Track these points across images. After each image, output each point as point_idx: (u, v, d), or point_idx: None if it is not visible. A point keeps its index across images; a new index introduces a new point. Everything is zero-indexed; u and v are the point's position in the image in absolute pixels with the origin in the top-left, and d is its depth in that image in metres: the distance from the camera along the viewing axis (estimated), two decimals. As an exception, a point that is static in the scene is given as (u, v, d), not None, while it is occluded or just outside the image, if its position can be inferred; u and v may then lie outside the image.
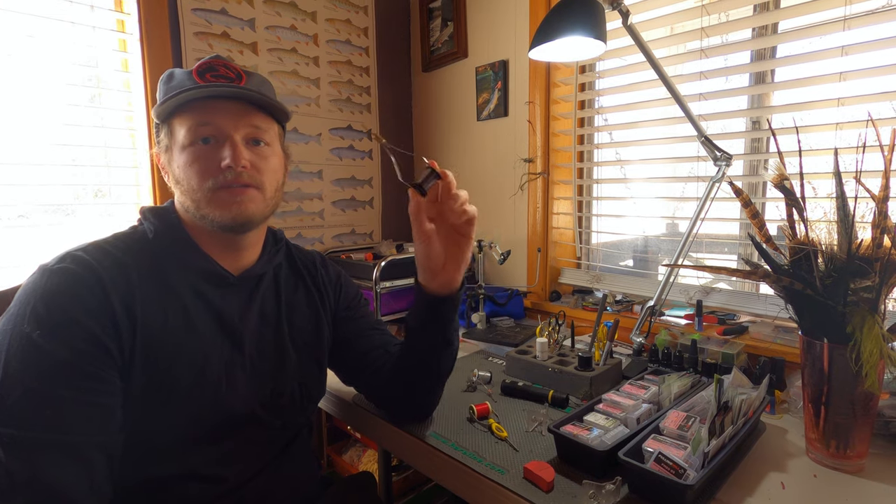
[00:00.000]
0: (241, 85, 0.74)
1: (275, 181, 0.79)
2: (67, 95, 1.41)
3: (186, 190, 0.73)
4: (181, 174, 0.73)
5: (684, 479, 0.64)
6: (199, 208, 0.73)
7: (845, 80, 1.10)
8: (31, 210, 1.39)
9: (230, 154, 0.71)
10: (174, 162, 0.74)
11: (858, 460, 0.76)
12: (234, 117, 0.73)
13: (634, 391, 0.92)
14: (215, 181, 0.72)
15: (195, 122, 0.72)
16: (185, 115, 0.72)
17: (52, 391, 0.58)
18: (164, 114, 0.73)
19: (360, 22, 2.01)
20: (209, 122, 0.72)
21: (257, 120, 0.76)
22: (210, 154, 0.72)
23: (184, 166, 0.72)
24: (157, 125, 0.76)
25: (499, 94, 1.81)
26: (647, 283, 1.54)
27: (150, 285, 0.70)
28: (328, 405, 1.11)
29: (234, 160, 0.71)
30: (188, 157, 0.72)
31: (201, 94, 0.71)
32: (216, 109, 0.72)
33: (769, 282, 0.81)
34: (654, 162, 1.51)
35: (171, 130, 0.74)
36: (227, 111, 0.73)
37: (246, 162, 0.73)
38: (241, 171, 0.72)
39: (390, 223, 2.19)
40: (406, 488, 1.72)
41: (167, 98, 0.72)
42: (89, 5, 1.42)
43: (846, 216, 0.74)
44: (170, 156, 0.75)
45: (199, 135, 0.72)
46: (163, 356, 0.67)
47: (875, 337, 0.69)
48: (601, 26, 1.03)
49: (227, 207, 0.72)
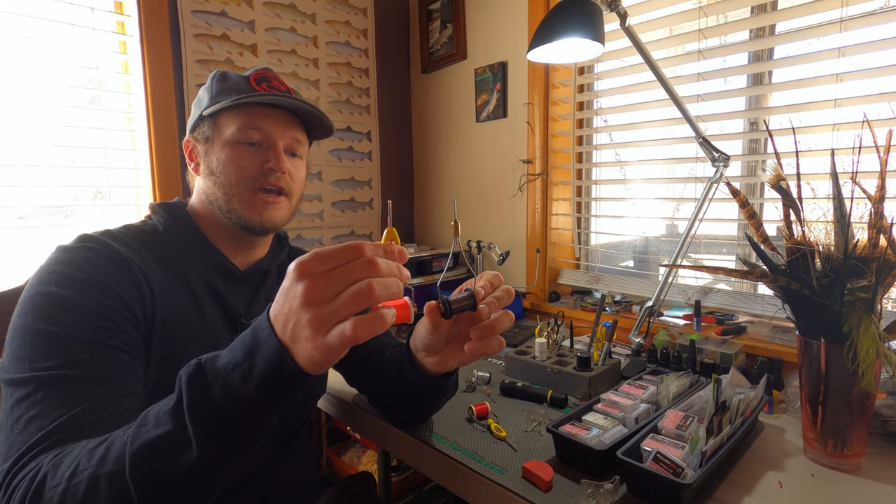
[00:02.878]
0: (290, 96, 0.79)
1: (300, 192, 0.84)
2: (67, 97, 1.41)
3: (222, 183, 0.76)
4: (220, 167, 0.76)
5: (682, 479, 0.65)
6: (231, 202, 0.76)
7: (842, 81, 1.10)
8: (31, 212, 1.39)
9: (274, 159, 0.77)
10: (213, 154, 0.77)
11: (855, 459, 0.76)
12: (282, 127, 0.78)
13: (633, 391, 0.92)
14: (255, 181, 0.76)
15: (245, 124, 0.76)
16: (236, 114, 0.76)
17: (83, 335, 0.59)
18: (219, 110, 0.76)
19: (360, 24, 2.01)
20: (259, 126, 0.76)
21: (298, 134, 0.82)
22: (254, 155, 0.77)
23: (225, 161, 0.76)
24: (201, 116, 0.78)
25: (498, 96, 1.81)
26: (646, 283, 1.55)
27: (164, 274, 0.71)
28: (328, 405, 1.12)
29: (277, 165, 0.77)
30: (231, 153, 0.76)
31: (262, 101, 0.76)
32: (267, 116, 0.77)
33: (766, 282, 0.81)
34: (652, 163, 1.51)
35: (216, 125, 0.77)
36: (277, 120, 0.78)
37: (286, 168, 0.78)
38: (280, 176, 0.77)
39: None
40: (405, 489, 1.72)
41: (229, 97, 0.75)
42: (89, 7, 1.42)
43: (843, 217, 0.74)
44: (209, 147, 0.78)
45: (247, 137, 0.76)
46: (178, 339, 0.68)
47: (871, 336, 0.69)
48: (599, 28, 1.03)
49: (260, 211, 0.77)
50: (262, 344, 0.46)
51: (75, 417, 0.53)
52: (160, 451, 0.46)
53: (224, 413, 0.46)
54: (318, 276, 0.43)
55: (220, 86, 0.79)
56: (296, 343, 0.45)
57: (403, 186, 2.24)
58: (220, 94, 0.78)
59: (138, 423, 0.49)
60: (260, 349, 0.46)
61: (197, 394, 0.46)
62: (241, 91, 0.77)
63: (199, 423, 0.46)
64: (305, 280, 0.43)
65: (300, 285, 0.44)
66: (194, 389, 0.46)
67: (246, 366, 0.46)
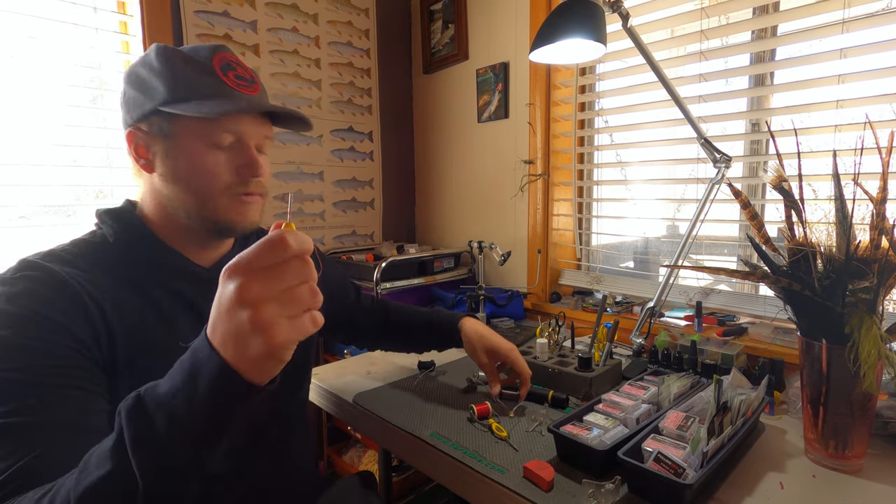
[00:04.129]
0: (258, 91, 0.74)
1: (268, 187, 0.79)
2: (69, 97, 1.41)
3: (193, 189, 0.69)
4: (190, 173, 0.69)
5: (683, 479, 0.65)
6: (205, 209, 0.70)
7: (844, 82, 1.10)
8: (32, 211, 1.40)
9: (253, 164, 0.71)
10: (179, 157, 0.69)
11: (857, 461, 0.76)
12: (254, 127, 0.72)
13: (634, 391, 0.92)
14: (234, 187, 0.71)
15: (219, 128, 0.68)
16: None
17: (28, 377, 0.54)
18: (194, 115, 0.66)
19: (362, 24, 2.01)
20: (232, 130, 0.69)
21: (268, 130, 0.75)
22: (228, 159, 0.70)
23: (198, 167, 0.68)
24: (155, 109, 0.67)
25: (499, 96, 1.81)
26: (647, 284, 1.55)
27: (119, 289, 0.66)
28: (329, 405, 1.12)
29: (256, 170, 0.71)
30: (203, 158, 0.69)
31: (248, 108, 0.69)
32: (241, 119, 0.70)
33: (768, 283, 0.81)
34: (653, 163, 1.51)
35: (181, 121, 0.68)
36: (249, 121, 0.71)
37: (263, 172, 0.73)
38: (259, 182, 0.73)
39: (391, 224, 2.19)
40: (406, 489, 1.72)
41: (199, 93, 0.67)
42: (92, 7, 1.42)
43: (844, 218, 0.74)
44: (169, 146, 0.69)
45: (221, 140, 0.69)
46: (146, 357, 0.64)
47: (873, 337, 0.69)
48: (601, 29, 1.03)
49: (243, 214, 0.72)
50: (202, 364, 0.42)
51: (25, 467, 0.49)
52: (105, 493, 0.43)
53: (169, 444, 0.43)
54: (252, 272, 0.40)
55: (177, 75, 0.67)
56: (240, 354, 0.41)
57: (405, 187, 2.24)
58: (181, 86, 0.67)
59: (81, 466, 0.45)
60: (201, 370, 0.42)
61: (138, 426, 0.43)
62: (208, 86, 0.68)
63: (142, 457, 0.42)
64: (238, 278, 0.40)
65: (232, 285, 0.40)
66: (135, 422, 0.43)
67: (188, 390, 0.42)
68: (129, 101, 0.71)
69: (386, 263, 1.63)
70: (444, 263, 1.86)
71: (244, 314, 0.40)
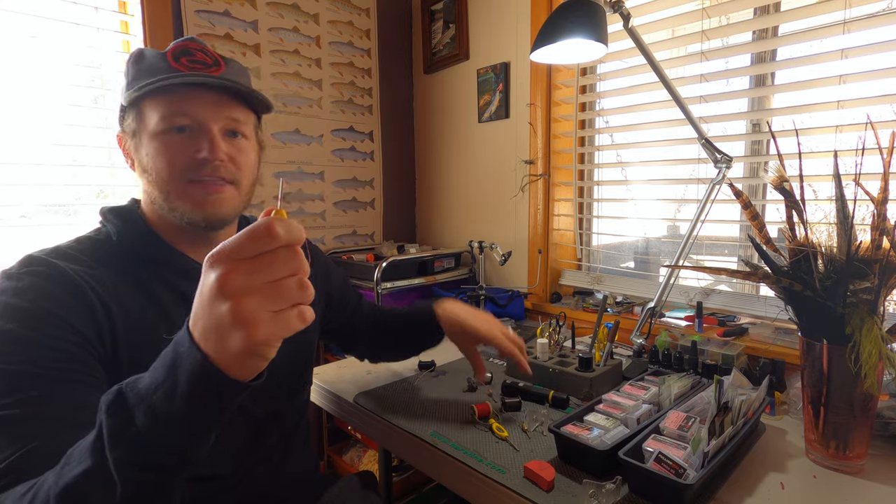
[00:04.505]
0: (220, 73, 0.70)
1: (251, 176, 0.76)
2: (70, 96, 1.42)
3: (155, 180, 0.69)
4: (150, 163, 0.68)
5: (684, 479, 0.65)
6: (169, 200, 0.69)
7: (845, 83, 1.10)
8: (33, 210, 1.40)
9: (207, 146, 0.68)
10: (142, 149, 0.69)
11: (858, 461, 0.76)
12: (213, 108, 0.69)
13: (634, 392, 0.92)
14: (190, 174, 0.68)
15: (169, 111, 0.67)
16: (159, 100, 0.67)
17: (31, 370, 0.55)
18: (134, 98, 0.67)
19: (363, 24, 2.02)
20: (185, 112, 0.67)
21: (236, 112, 0.72)
22: (184, 144, 0.68)
23: (154, 155, 0.68)
24: (123, 107, 0.71)
25: (500, 96, 1.82)
26: (648, 284, 1.55)
27: (123, 286, 0.66)
28: (328, 405, 1.12)
29: (211, 153, 0.68)
30: (159, 145, 0.68)
31: (179, 82, 0.67)
32: (193, 98, 0.68)
33: (769, 283, 0.81)
34: (654, 164, 1.51)
35: (140, 114, 0.69)
36: (205, 101, 0.69)
37: (224, 155, 0.69)
38: (219, 165, 0.69)
39: (391, 224, 2.20)
40: (407, 489, 1.72)
41: (141, 83, 0.66)
42: (93, 7, 1.43)
43: (845, 218, 0.74)
44: (137, 141, 0.70)
45: (173, 123, 0.67)
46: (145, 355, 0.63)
47: (874, 338, 0.69)
48: (602, 29, 1.03)
49: (201, 205, 0.69)
50: (182, 358, 0.41)
51: (22, 459, 0.49)
52: (83, 490, 0.41)
53: (148, 440, 0.41)
54: (235, 262, 0.37)
55: (135, 68, 0.69)
56: (221, 349, 0.39)
57: (405, 187, 2.24)
58: (136, 79, 0.68)
59: (63, 462, 0.44)
60: (181, 364, 0.41)
61: (117, 420, 0.41)
62: (159, 71, 0.67)
63: (120, 453, 0.41)
64: (220, 268, 0.38)
65: (213, 274, 0.38)
66: (114, 416, 0.42)
67: (168, 384, 0.41)
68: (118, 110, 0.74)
69: (386, 263, 1.63)
70: (445, 263, 1.86)
71: (224, 307, 0.38)
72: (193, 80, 0.68)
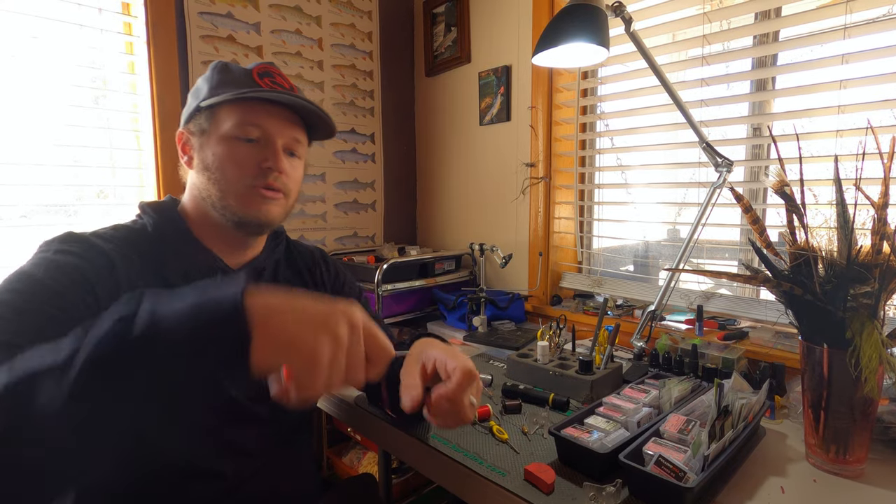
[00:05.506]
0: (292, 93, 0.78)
1: (297, 192, 0.83)
2: (72, 97, 1.42)
3: (217, 179, 0.74)
4: (215, 163, 0.74)
5: (684, 482, 0.65)
6: (225, 199, 0.74)
7: (845, 87, 1.11)
8: (34, 210, 1.40)
9: (273, 158, 0.75)
10: (209, 149, 0.75)
11: (858, 465, 0.76)
12: (282, 126, 0.77)
13: (635, 395, 0.92)
14: (253, 179, 0.74)
15: (245, 120, 0.74)
16: (237, 108, 0.74)
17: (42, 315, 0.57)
18: (219, 102, 0.74)
19: (365, 26, 2.02)
20: (259, 124, 0.75)
21: (298, 133, 0.80)
22: (252, 153, 0.75)
23: (222, 156, 0.74)
24: (198, 108, 0.76)
25: (501, 99, 1.82)
26: (648, 287, 1.55)
27: (149, 276, 0.70)
28: (329, 406, 1.12)
29: (275, 164, 0.75)
30: (228, 149, 0.74)
31: (269, 96, 0.74)
32: (268, 114, 0.75)
33: (769, 287, 0.81)
34: (655, 167, 1.51)
35: (214, 118, 0.75)
36: (277, 118, 0.76)
37: (284, 168, 0.77)
38: (278, 176, 0.76)
39: (392, 226, 2.20)
40: (407, 491, 1.72)
41: (231, 90, 0.73)
42: (97, 8, 1.43)
43: (846, 222, 0.74)
44: (203, 140, 0.76)
45: (245, 133, 0.74)
46: None
47: (874, 342, 0.69)
48: (604, 33, 1.04)
49: (257, 207, 0.75)
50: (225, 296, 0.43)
51: None
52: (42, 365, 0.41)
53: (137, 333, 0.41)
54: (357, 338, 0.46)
55: (220, 77, 0.77)
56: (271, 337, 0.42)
57: (406, 189, 2.24)
58: (220, 86, 0.75)
59: None
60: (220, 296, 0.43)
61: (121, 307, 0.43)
62: (243, 85, 0.75)
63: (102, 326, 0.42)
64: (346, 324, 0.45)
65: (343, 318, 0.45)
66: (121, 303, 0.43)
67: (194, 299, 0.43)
68: (185, 108, 0.80)
69: (387, 265, 1.63)
70: (446, 265, 1.86)
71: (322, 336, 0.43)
72: (276, 96, 0.75)
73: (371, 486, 1.03)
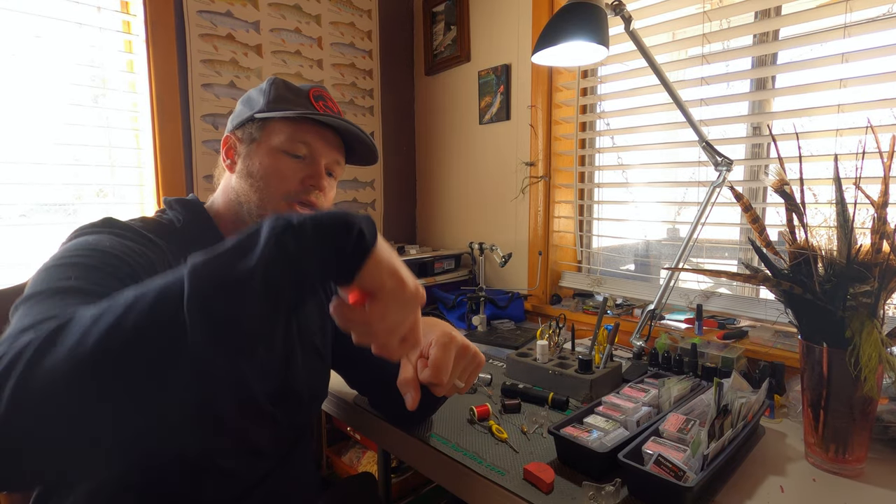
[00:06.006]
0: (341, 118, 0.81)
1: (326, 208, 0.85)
2: (72, 95, 1.42)
3: (260, 188, 0.77)
4: (261, 171, 0.77)
5: (684, 482, 0.65)
6: (263, 207, 0.77)
7: (845, 86, 1.11)
8: (33, 209, 1.40)
9: (316, 175, 0.79)
10: (256, 157, 0.78)
11: (857, 465, 0.76)
12: (327, 147, 0.81)
13: (634, 394, 0.92)
14: (293, 193, 0.78)
15: (296, 136, 0.77)
16: (290, 126, 0.78)
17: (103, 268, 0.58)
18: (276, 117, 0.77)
19: (364, 25, 2.02)
20: (308, 142, 0.78)
21: (340, 156, 0.84)
22: (298, 168, 0.78)
23: (268, 167, 0.77)
24: (251, 117, 0.79)
25: (501, 98, 1.82)
26: (648, 287, 1.55)
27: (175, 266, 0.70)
28: (328, 405, 1.12)
29: (317, 182, 0.79)
30: (275, 161, 0.77)
31: (323, 119, 0.78)
32: (317, 134, 0.79)
33: (769, 286, 0.81)
34: (655, 166, 1.51)
35: (266, 129, 0.78)
36: (325, 139, 0.80)
37: (324, 187, 0.80)
38: (318, 194, 0.80)
39: (392, 225, 2.20)
40: (406, 490, 1.72)
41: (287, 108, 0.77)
42: (96, 6, 1.43)
43: (846, 222, 0.74)
44: (252, 149, 0.79)
45: (294, 149, 0.78)
46: None
47: (874, 341, 0.69)
48: (604, 31, 1.04)
49: None
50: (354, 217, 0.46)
51: None
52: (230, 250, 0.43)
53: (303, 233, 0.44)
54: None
55: (277, 93, 0.80)
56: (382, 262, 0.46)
57: (406, 188, 2.24)
58: (277, 102, 0.78)
59: None
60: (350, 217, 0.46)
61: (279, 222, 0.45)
62: (299, 105, 0.79)
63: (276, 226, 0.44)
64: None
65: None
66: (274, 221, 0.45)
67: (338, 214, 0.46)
68: (235, 115, 0.83)
69: (386, 264, 1.63)
70: (445, 265, 1.86)
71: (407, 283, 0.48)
72: (332, 121, 0.79)
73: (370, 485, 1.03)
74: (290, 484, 0.83)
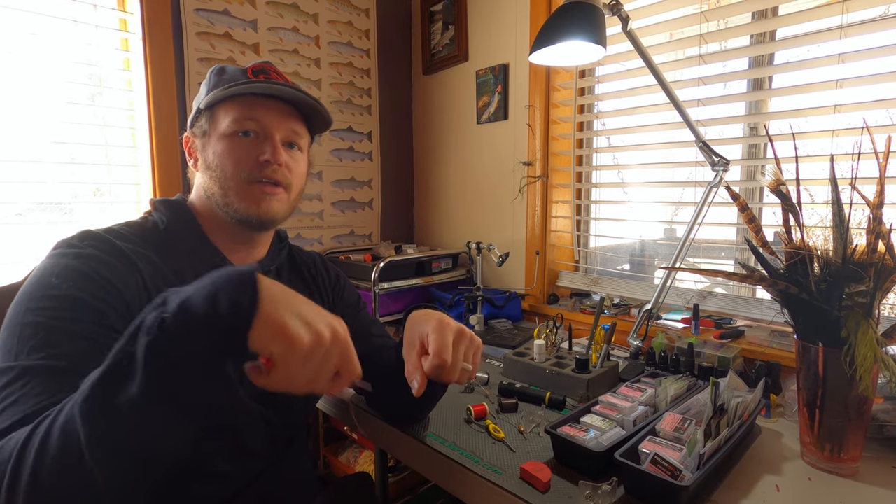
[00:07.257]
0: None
1: (299, 185, 0.83)
2: (68, 93, 1.41)
3: (218, 177, 0.75)
4: (216, 161, 0.75)
5: (680, 481, 0.65)
6: (226, 196, 0.75)
7: (842, 87, 1.11)
8: (30, 208, 1.39)
9: (270, 150, 0.75)
10: (210, 148, 0.76)
11: (852, 464, 0.77)
12: (278, 118, 0.77)
13: (631, 393, 0.92)
14: (250, 173, 0.75)
15: (241, 115, 0.75)
16: (233, 106, 0.75)
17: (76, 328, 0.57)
18: (214, 101, 0.75)
19: (362, 24, 2.02)
20: (255, 117, 0.75)
21: (297, 125, 0.80)
22: (249, 147, 0.75)
23: (221, 154, 0.75)
24: (198, 111, 0.78)
25: (499, 98, 1.82)
26: (645, 286, 1.55)
27: (165, 272, 0.70)
28: (326, 405, 1.12)
29: (273, 156, 0.75)
30: (227, 145, 0.75)
31: (259, 89, 0.75)
32: (263, 107, 0.76)
33: (765, 286, 0.81)
34: (652, 166, 1.52)
35: (213, 118, 0.77)
36: (273, 111, 0.76)
37: (283, 160, 0.76)
38: (277, 168, 0.76)
39: (389, 225, 2.19)
40: (403, 489, 1.72)
41: (224, 87, 0.74)
42: (92, 4, 1.42)
43: (841, 222, 0.74)
44: (206, 141, 0.77)
45: (242, 127, 0.75)
46: None
47: (869, 341, 0.69)
48: (601, 31, 1.04)
49: (256, 202, 0.75)
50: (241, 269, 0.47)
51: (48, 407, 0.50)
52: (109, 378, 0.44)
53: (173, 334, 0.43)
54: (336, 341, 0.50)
55: (216, 78, 0.79)
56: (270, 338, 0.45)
57: (403, 187, 2.24)
58: (216, 87, 0.76)
59: None
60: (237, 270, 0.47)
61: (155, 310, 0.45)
62: (236, 81, 0.76)
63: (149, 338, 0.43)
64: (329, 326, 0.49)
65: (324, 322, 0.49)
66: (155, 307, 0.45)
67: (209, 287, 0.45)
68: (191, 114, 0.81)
69: (384, 264, 1.63)
70: (443, 264, 1.86)
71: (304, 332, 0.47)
72: (267, 89, 0.75)
73: (367, 484, 1.03)
74: (285, 483, 0.83)
